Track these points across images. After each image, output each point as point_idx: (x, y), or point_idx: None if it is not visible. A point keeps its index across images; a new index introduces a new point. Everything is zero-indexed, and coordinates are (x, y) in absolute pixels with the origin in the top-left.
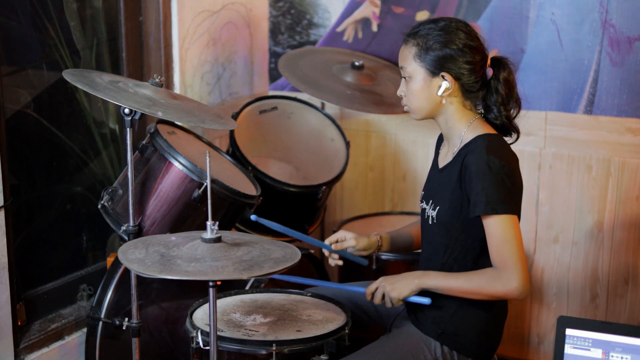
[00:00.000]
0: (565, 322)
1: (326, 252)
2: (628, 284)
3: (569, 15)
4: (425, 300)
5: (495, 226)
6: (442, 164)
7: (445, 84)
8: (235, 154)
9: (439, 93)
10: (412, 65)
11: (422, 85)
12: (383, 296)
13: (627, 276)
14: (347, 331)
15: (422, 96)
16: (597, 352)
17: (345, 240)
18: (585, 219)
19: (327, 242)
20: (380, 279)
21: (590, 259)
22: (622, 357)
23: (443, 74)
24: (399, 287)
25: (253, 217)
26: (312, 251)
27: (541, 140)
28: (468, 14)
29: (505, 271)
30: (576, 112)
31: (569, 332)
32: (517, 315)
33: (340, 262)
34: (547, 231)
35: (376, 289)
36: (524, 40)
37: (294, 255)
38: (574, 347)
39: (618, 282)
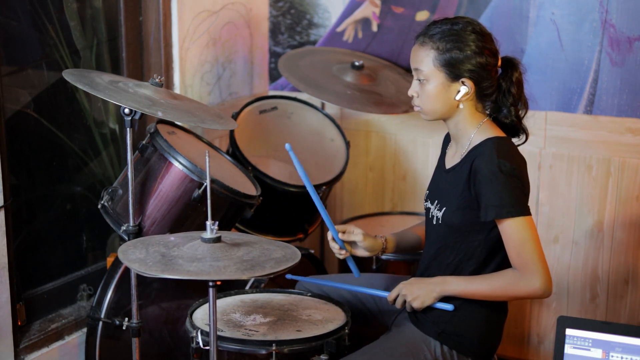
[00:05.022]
0: (565, 322)
1: (330, 237)
2: (628, 284)
3: (569, 15)
4: (448, 307)
5: (512, 229)
6: (449, 164)
7: (464, 88)
8: (235, 154)
9: (457, 97)
10: (430, 67)
11: (440, 89)
12: (405, 302)
13: (627, 276)
14: (347, 331)
15: (439, 100)
16: (597, 352)
17: (353, 234)
18: (585, 219)
19: (336, 227)
20: (401, 285)
21: (590, 259)
22: (622, 357)
23: (463, 79)
24: (421, 297)
25: (287, 145)
26: (312, 251)
27: (541, 140)
28: (468, 14)
29: (526, 272)
30: (576, 112)
31: (569, 332)
32: (517, 315)
33: (343, 254)
34: (547, 231)
35: (397, 295)
36: (524, 40)
37: (294, 255)
38: (574, 347)
39: (618, 282)
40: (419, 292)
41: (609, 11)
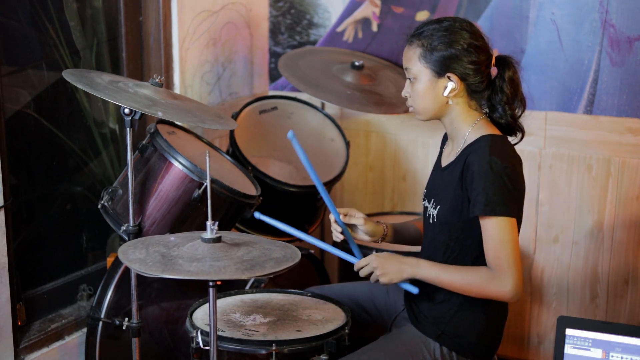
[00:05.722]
0: (565, 322)
1: (332, 219)
2: (628, 284)
3: (569, 15)
4: (414, 290)
5: (492, 227)
6: (445, 162)
7: (451, 84)
8: (235, 154)
9: (445, 94)
10: (417, 66)
11: (427, 86)
12: (371, 274)
13: (627, 276)
14: (346, 331)
15: (428, 97)
16: (597, 352)
17: (355, 217)
18: (585, 219)
19: (337, 210)
20: (373, 256)
21: (590, 259)
22: (622, 357)
23: (449, 74)
24: (390, 274)
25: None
26: (312, 251)
27: (541, 140)
28: (468, 14)
29: (499, 273)
30: (576, 112)
31: (569, 332)
32: (517, 315)
33: (341, 237)
34: (547, 231)
35: (366, 265)
36: (524, 40)
37: (294, 255)
38: (574, 347)
39: (618, 282)
40: (389, 268)
41: (609, 11)
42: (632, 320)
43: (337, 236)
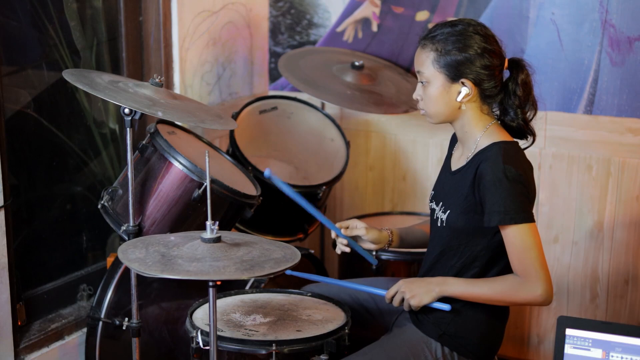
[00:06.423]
0: (565, 322)
1: (333, 235)
2: (628, 284)
3: (569, 15)
4: (445, 307)
5: (515, 235)
6: (455, 166)
7: (465, 89)
8: (235, 154)
9: (459, 99)
10: (430, 70)
11: (440, 91)
12: (402, 300)
13: (627, 276)
14: (347, 331)
15: (441, 102)
16: (597, 352)
17: (357, 228)
18: (585, 219)
19: (337, 225)
20: (400, 282)
21: (590, 259)
22: (622, 357)
23: (463, 80)
24: (419, 295)
25: (266, 172)
26: (312, 251)
27: (541, 140)
28: (468, 14)
29: (528, 279)
30: (576, 112)
31: (569, 332)
32: (517, 315)
33: (347, 249)
34: (547, 231)
35: (396, 292)
36: (524, 40)
37: (293, 255)
38: (574, 347)
39: (618, 282)
40: (417, 290)
41: (609, 11)
42: (632, 320)
43: (343, 249)
